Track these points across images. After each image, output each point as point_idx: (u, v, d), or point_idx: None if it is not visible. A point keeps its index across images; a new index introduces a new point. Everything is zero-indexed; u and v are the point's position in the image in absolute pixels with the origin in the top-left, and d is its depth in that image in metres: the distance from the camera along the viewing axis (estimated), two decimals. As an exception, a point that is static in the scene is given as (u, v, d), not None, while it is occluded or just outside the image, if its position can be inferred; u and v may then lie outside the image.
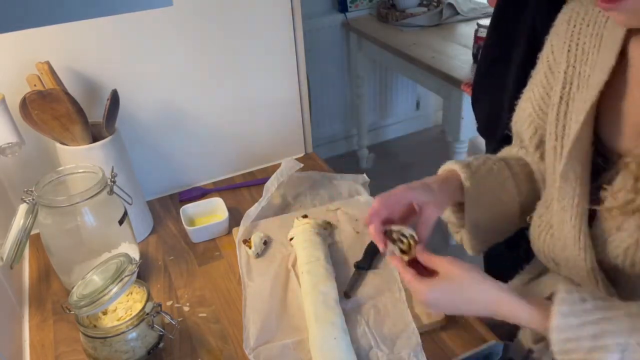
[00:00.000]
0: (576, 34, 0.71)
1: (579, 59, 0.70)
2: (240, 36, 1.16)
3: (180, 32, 1.10)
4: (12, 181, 1.08)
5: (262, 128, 1.31)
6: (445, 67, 1.95)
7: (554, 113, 0.73)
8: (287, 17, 1.19)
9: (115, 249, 0.94)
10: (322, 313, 0.82)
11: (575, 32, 0.71)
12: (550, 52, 0.76)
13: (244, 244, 1.02)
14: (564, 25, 0.73)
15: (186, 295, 0.96)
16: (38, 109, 0.91)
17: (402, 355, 0.78)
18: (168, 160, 1.24)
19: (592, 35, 0.69)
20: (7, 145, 0.92)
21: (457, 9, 2.39)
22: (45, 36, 0.99)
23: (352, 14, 2.61)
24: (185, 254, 1.06)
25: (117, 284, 0.77)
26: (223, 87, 1.21)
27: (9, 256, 0.88)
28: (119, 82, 1.07)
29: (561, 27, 0.74)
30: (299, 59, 1.26)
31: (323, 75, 2.72)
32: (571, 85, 0.71)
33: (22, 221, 0.88)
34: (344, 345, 0.78)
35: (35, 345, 0.89)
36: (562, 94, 0.72)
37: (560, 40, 0.73)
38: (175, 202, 1.23)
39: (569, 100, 0.71)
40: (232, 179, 1.31)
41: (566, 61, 0.72)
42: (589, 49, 0.69)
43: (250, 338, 0.83)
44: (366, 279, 0.94)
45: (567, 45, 0.72)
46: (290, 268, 0.96)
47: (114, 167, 0.95)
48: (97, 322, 0.81)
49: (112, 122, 1.01)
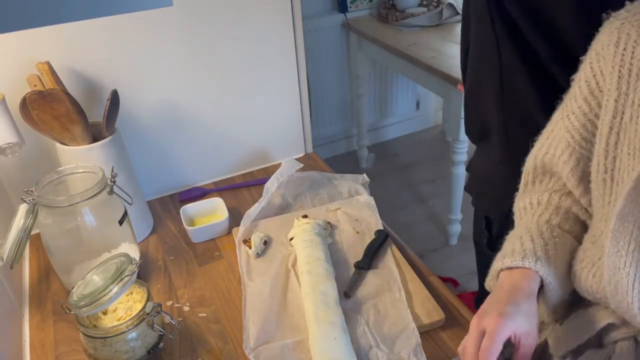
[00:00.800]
0: (628, 58, 0.63)
1: (632, 86, 0.63)
2: (240, 36, 1.17)
3: (180, 32, 1.11)
4: (12, 181, 1.08)
5: (262, 128, 1.31)
6: (445, 67, 1.95)
7: (602, 144, 0.66)
8: (287, 17, 1.19)
9: (115, 249, 0.94)
10: (322, 313, 0.82)
11: (627, 55, 0.63)
12: (592, 76, 0.68)
13: (244, 244, 1.02)
14: (612, 49, 0.65)
15: (186, 295, 0.96)
16: (38, 109, 0.91)
17: (402, 355, 0.78)
18: (168, 160, 1.24)
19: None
20: (7, 145, 0.92)
21: (457, 9, 2.39)
22: (45, 36, 0.99)
23: (352, 14, 2.61)
24: (185, 254, 1.07)
25: (117, 284, 0.77)
26: (223, 87, 1.21)
27: (9, 256, 0.88)
28: (119, 82, 1.07)
29: (607, 50, 0.66)
30: (299, 59, 1.26)
31: (323, 75, 2.72)
32: (623, 114, 0.64)
33: (22, 221, 0.88)
34: (344, 345, 0.78)
35: (35, 345, 0.89)
36: (612, 124, 0.65)
37: (608, 65, 0.66)
38: (175, 202, 1.23)
39: (619, 130, 0.65)
40: (232, 179, 1.31)
41: (617, 89, 0.65)
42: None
43: (250, 338, 0.83)
44: (366, 279, 0.94)
45: (618, 71, 0.64)
46: (290, 268, 0.96)
47: (114, 167, 0.95)
48: (97, 322, 0.82)
49: (112, 122, 1.01)
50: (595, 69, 0.68)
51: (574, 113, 0.71)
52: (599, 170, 0.68)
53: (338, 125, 2.96)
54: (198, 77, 1.17)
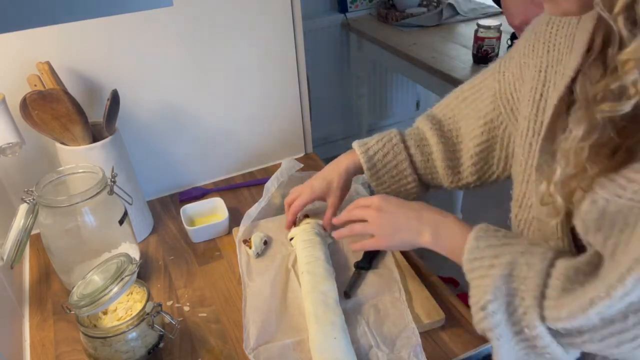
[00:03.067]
0: (554, 35, 0.73)
1: (556, 59, 0.72)
2: (240, 36, 1.16)
3: (180, 32, 1.11)
4: (12, 181, 1.08)
5: (262, 128, 1.31)
6: (445, 67, 1.95)
7: (533, 110, 0.74)
8: (287, 17, 1.19)
9: (116, 249, 0.94)
10: (322, 313, 0.82)
11: (553, 33, 0.73)
12: (526, 47, 0.78)
13: (244, 244, 1.02)
14: (543, 27, 0.75)
15: (186, 295, 0.96)
16: (38, 109, 0.91)
17: (402, 355, 0.78)
18: (168, 160, 1.24)
19: (567, 36, 0.71)
20: (7, 145, 0.92)
21: (457, 9, 2.39)
22: (45, 36, 0.99)
23: (352, 14, 2.61)
24: (185, 254, 1.07)
25: (118, 284, 0.77)
26: (223, 87, 1.21)
27: (9, 256, 0.88)
28: (119, 82, 1.07)
29: (541, 28, 0.75)
30: (299, 59, 1.26)
31: (323, 75, 2.72)
32: (550, 83, 0.72)
33: (23, 221, 0.88)
34: (344, 345, 0.78)
35: (36, 345, 0.89)
36: (542, 92, 0.73)
37: (539, 41, 0.75)
38: (175, 202, 1.23)
39: (548, 98, 0.72)
40: (232, 179, 1.31)
41: (546, 61, 0.73)
42: (564, 49, 0.71)
43: (250, 338, 0.83)
44: (366, 279, 0.94)
45: (547, 46, 0.73)
46: (290, 268, 0.96)
47: (114, 167, 0.95)
48: (98, 322, 0.82)
49: (112, 122, 1.01)
50: (530, 44, 0.77)
51: (509, 71, 0.80)
52: (527, 134, 0.74)
53: (338, 125, 2.96)
54: (198, 77, 1.17)
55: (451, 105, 0.94)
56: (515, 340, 0.64)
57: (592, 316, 0.56)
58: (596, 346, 0.59)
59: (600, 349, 0.59)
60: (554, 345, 0.62)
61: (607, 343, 0.58)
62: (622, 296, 0.53)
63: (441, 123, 0.94)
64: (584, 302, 0.56)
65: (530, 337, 0.63)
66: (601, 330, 0.57)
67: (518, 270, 0.64)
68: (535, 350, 0.64)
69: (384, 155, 0.93)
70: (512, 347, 0.65)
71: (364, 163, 0.93)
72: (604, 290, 0.54)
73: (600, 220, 0.58)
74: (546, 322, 0.61)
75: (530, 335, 0.63)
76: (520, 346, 0.65)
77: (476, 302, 0.67)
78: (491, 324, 0.65)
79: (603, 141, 0.57)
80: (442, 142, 0.91)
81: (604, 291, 0.54)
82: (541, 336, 0.62)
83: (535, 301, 0.62)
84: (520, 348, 0.65)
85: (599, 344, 0.58)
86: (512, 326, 0.64)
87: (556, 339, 0.62)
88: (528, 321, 0.62)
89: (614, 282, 0.53)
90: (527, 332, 0.63)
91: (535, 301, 0.62)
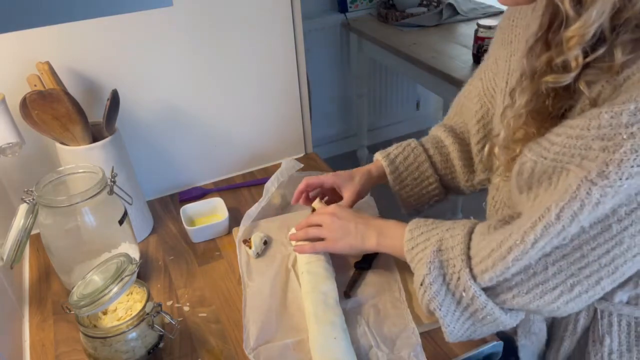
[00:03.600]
0: (515, 27, 0.80)
1: (516, 48, 0.79)
2: (240, 36, 1.16)
3: (180, 32, 1.10)
4: (12, 181, 1.08)
5: (262, 128, 1.31)
6: (445, 67, 1.95)
7: (501, 96, 0.81)
8: (287, 17, 1.19)
9: (115, 249, 0.94)
10: (322, 313, 0.82)
11: (514, 25, 0.81)
12: (496, 42, 0.86)
13: (244, 244, 1.02)
14: (507, 21, 0.83)
15: (186, 295, 0.96)
16: (38, 109, 0.91)
17: (402, 355, 0.78)
18: (168, 160, 1.24)
19: (524, 25, 0.78)
20: (7, 145, 0.92)
21: (457, 9, 2.39)
22: (45, 36, 0.99)
23: (352, 14, 2.61)
24: (185, 254, 1.07)
25: (117, 284, 0.77)
26: (223, 87, 1.21)
27: (9, 256, 0.88)
28: (119, 82, 1.07)
29: (505, 23, 0.83)
30: (299, 59, 1.26)
31: (323, 75, 2.72)
32: (512, 71, 0.79)
33: (22, 221, 0.88)
34: (344, 345, 0.78)
35: (35, 345, 0.89)
36: (507, 80, 0.80)
37: (505, 34, 0.83)
38: (175, 202, 1.23)
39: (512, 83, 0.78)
40: (232, 179, 1.31)
41: (510, 51, 0.81)
42: (522, 38, 0.77)
43: (250, 338, 0.83)
44: (366, 279, 0.94)
45: (509, 38, 0.81)
46: (290, 268, 0.96)
47: (114, 167, 0.95)
48: (97, 322, 0.81)
49: (112, 122, 1.01)
50: (499, 38, 0.85)
51: (488, 69, 0.89)
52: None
53: (338, 125, 2.96)
54: (198, 77, 1.17)
55: (456, 113, 1.01)
56: (459, 311, 0.70)
57: (511, 264, 0.62)
58: (524, 299, 0.65)
59: (527, 302, 0.65)
60: (491, 305, 0.67)
61: (533, 294, 0.64)
62: (534, 242, 0.59)
63: (453, 127, 1.00)
64: (503, 250, 0.62)
65: (468, 302, 0.68)
66: (527, 283, 0.64)
67: (445, 243, 0.72)
68: (477, 316, 0.69)
69: (404, 158, 0.98)
70: (456, 321, 0.71)
71: (387, 167, 0.98)
72: (519, 238, 0.60)
73: (530, 179, 0.63)
74: (477, 281, 0.67)
75: (468, 300, 0.68)
76: (464, 317, 0.70)
77: (416, 281, 0.74)
78: (430, 295, 0.70)
79: (538, 108, 0.65)
80: (457, 142, 0.96)
81: (520, 239, 0.60)
82: (477, 296, 0.67)
83: (463, 263, 0.68)
84: (464, 319, 0.71)
85: (526, 296, 0.64)
86: (452, 296, 0.70)
87: (492, 299, 0.67)
88: (462, 284, 0.68)
89: (527, 229, 0.60)
90: (465, 296, 0.68)
91: (463, 263, 0.68)
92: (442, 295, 0.70)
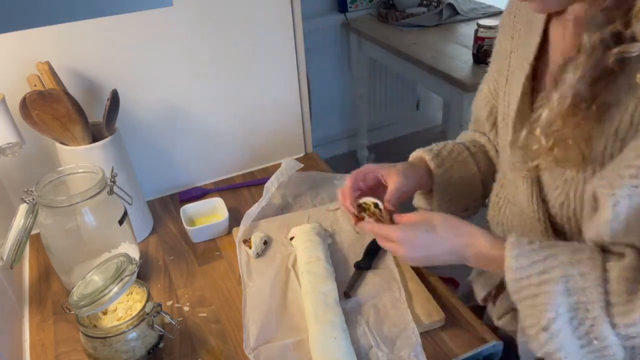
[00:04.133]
0: (516, 23, 0.80)
1: (517, 44, 0.79)
2: (240, 36, 1.16)
3: (180, 32, 1.10)
4: (12, 181, 1.08)
5: (262, 128, 1.31)
6: (445, 67, 1.94)
7: (502, 93, 0.81)
8: (287, 17, 1.19)
9: (115, 249, 0.94)
10: (322, 313, 0.82)
11: (516, 21, 0.80)
12: (499, 41, 0.86)
13: (244, 244, 1.02)
14: (507, 17, 0.83)
15: (186, 295, 0.96)
16: (38, 109, 0.91)
17: (402, 355, 0.78)
18: (168, 160, 1.24)
19: (525, 21, 0.77)
20: (7, 145, 0.92)
21: (457, 9, 2.39)
22: (45, 36, 0.99)
23: (352, 14, 2.61)
24: (185, 254, 1.07)
25: (117, 284, 0.77)
26: (223, 87, 1.21)
27: (9, 256, 0.88)
28: (119, 82, 1.07)
29: (506, 19, 0.83)
30: (299, 59, 1.26)
31: (323, 75, 2.72)
32: (512, 67, 0.79)
33: (22, 221, 0.88)
34: (344, 345, 0.78)
35: (35, 345, 0.89)
36: (507, 76, 0.80)
37: (506, 31, 0.82)
38: (175, 202, 1.23)
39: (512, 81, 0.79)
40: (232, 179, 1.31)
41: (510, 48, 0.81)
42: (524, 34, 0.77)
43: (250, 338, 0.83)
44: (366, 279, 0.94)
45: (510, 34, 0.81)
46: (290, 268, 0.96)
47: (114, 167, 0.95)
48: (97, 322, 0.81)
49: (112, 122, 1.01)
50: (500, 35, 0.85)
51: (492, 70, 0.89)
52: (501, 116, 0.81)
53: (338, 125, 2.96)
54: (198, 77, 1.17)
55: (476, 117, 0.99)
56: (582, 353, 0.63)
57: None
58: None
59: None
60: (619, 349, 0.62)
61: None
62: None
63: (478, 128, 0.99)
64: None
65: (599, 348, 0.62)
66: None
67: (573, 282, 0.62)
68: (603, 356, 0.63)
69: (443, 146, 0.94)
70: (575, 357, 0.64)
71: (431, 160, 0.91)
72: None
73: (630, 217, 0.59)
74: (617, 329, 0.61)
75: (599, 347, 0.62)
76: (587, 358, 0.64)
77: (535, 323, 0.64)
78: (557, 345, 0.63)
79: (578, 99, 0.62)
80: (486, 137, 0.96)
81: None
82: (611, 345, 0.61)
83: (602, 311, 0.61)
84: (585, 356, 0.64)
85: None
86: (578, 340, 0.63)
87: (622, 342, 0.62)
88: (597, 332, 0.61)
89: None
90: (597, 344, 0.62)
91: (603, 311, 0.61)
92: (568, 344, 0.63)
